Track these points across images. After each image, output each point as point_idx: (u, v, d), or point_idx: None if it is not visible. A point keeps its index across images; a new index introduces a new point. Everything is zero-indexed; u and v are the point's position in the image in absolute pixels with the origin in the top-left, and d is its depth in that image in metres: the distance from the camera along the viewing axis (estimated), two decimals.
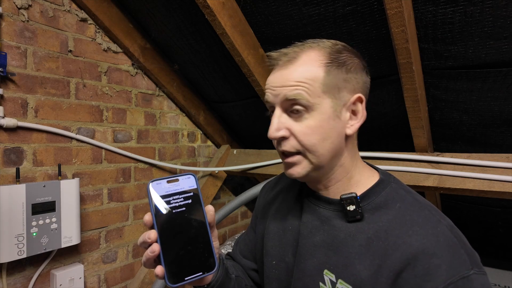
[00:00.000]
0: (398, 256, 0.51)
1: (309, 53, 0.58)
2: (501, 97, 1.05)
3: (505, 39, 0.90)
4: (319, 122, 0.56)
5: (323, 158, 0.58)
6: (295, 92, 0.55)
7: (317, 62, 0.57)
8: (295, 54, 0.58)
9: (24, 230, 1.06)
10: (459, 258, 0.49)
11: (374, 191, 0.60)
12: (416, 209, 0.56)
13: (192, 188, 0.52)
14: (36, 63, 1.16)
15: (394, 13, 0.85)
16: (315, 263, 0.60)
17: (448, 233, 0.52)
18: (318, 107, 0.56)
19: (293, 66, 0.57)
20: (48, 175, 1.19)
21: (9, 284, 1.09)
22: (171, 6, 1.23)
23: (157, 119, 1.61)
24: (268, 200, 0.79)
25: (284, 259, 0.66)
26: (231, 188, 2.10)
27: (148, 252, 0.48)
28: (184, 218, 0.50)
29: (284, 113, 0.58)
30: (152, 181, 0.49)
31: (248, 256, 0.82)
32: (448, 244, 0.51)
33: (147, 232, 0.49)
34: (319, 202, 0.64)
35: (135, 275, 1.49)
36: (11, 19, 1.10)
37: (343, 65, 0.58)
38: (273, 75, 0.60)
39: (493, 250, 1.73)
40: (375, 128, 1.40)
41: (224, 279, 0.63)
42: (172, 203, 0.50)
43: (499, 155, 1.13)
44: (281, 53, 0.60)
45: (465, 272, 0.48)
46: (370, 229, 0.56)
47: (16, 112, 1.11)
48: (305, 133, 0.56)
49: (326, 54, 0.58)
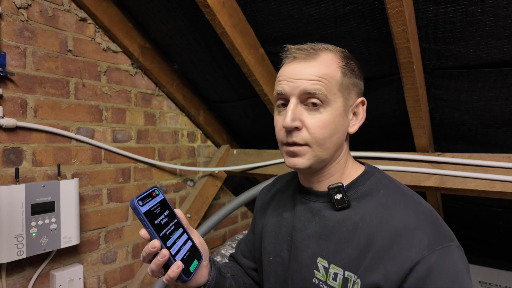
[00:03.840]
0: (382, 235, 0.55)
1: (327, 53, 0.62)
2: (502, 97, 1.05)
3: (506, 39, 0.90)
4: (332, 118, 0.60)
5: (328, 151, 0.62)
6: (316, 86, 0.58)
7: (335, 63, 0.62)
8: (314, 51, 0.62)
9: (24, 230, 1.06)
10: (440, 231, 0.54)
11: (360, 181, 0.64)
12: (398, 195, 0.60)
13: (161, 198, 0.59)
14: (36, 63, 1.16)
15: (395, 12, 0.84)
16: (310, 253, 0.63)
17: (427, 212, 0.57)
18: (333, 103, 0.60)
19: (315, 62, 0.60)
20: (48, 175, 1.19)
21: (8, 285, 1.08)
22: (170, 5, 1.23)
23: (157, 119, 1.60)
24: (265, 201, 0.83)
25: (280, 254, 0.70)
26: (231, 188, 2.10)
27: (158, 258, 0.53)
28: (168, 223, 0.57)
29: (299, 105, 0.60)
30: (136, 199, 0.53)
31: (248, 256, 0.86)
32: (428, 220, 0.55)
33: (149, 244, 0.53)
34: (310, 197, 0.68)
35: (134, 276, 1.49)
36: (10, 18, 1.09)
37: (353, 71, 0.64)
38: (290, 67, 0.62)
39: (494, 250, 1.72)
40: (375, 128, 1.40)
41: (218, 278, 0.68)
42: (156, 214, 0.55)
43: (500, 155, 1.13)
44: (300, 48, 0.63)
45: (447, 243, 0.52)
46: (356, 215, 0.60)
47: (16, 112, 1.11)
48: (318, 126, 0.59)
49: (342, 58, 0.63)
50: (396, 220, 0.56)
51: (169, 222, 0.57)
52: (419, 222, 0.55)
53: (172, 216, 0.59)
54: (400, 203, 0.58)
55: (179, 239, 0.58)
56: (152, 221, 0.53)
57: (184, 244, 0.58)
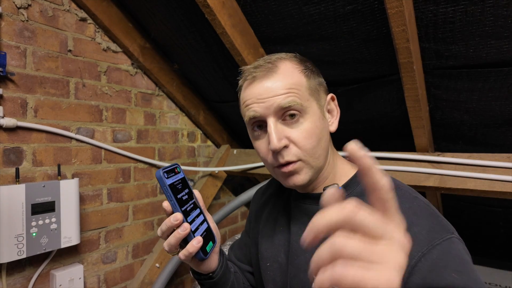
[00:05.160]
0: None
1: (284, 62, 0.60)
2: (502, 97, 1.05)
3: (506, 39, 0.90)
4: (313, 124, 0.59)
5: (321, 159, 0.60)
6: (289, 99, 0.56)
7: (296, 69, 0.60)
8: (272, 65, 0.59)
9: (24, 230, 1.06)
10: (438, 224, 0.52)
11: (355, 181, 0.63)
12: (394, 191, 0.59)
13: (182, 176, 0.58)
14: (36, 63, 1.16)
15: (394, 12, 0.85)
16: (308, 257, 0.62)
17: (424, 205, 0.56)
18: (310, 109, 0.59)
19: (277, 75, 0.58)
20: (48, 175, 1.19)
21: (8, 284, 1.08)
22: (170, 5, 1.23)
23: (157, 119, 1.60)
24: (260, 204, 0.81)
25: (277, 259, 0.68)
26: (231, 188, 2.10)
27: (179, 231, 0.52)
28: (188, 201, 0.57)
29: (278, 122, 0.58)
30: (162, 171, 0.53)
31: (243, 260, 0.84)
32: (425, 214, 0.54)
33: (172, 216, 0.52)
34: (306, 200, 0.66)
35: (135, 276, 1.49)
36: (10, 18, 1.09)
37: (313, 71, 0.62)
38: (254, 87, 0.59)
39: (494, 250, 1.72)
40: (375, 127, 1.40)
41: (225, 269, 0.67)
42: (178, 189, 0.55)
43: (500, 155, 1.13)
44: (256, 66, 0.60)
45: (447, 235, 0.51)
46: None
47: (16, 112, 1.11)
48: (304, 137, 0.57)
49: (299, 63, 0.61)
50: None
51: (189, 200, 0.57)
52: (416, 217, 0.53)
53: (191, 195, 0.59)
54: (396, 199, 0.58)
55: (197, 218, 0.58)
56: (175, 194, 0.54)
57: (201, 224, 0.58)
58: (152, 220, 1.57)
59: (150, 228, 1.57)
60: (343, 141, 0.83)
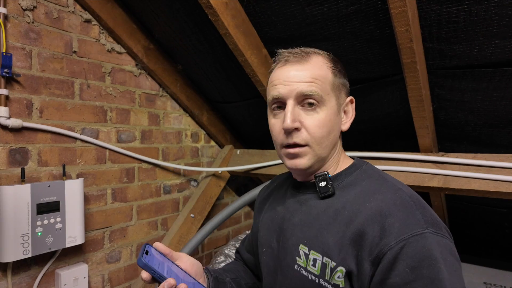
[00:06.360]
0: (359, 220, 0.56)
1: (317, 56, 0.65)
2: (507, 97, 1.04)
3: (510, 38, 0.89)
4: (328, 116, 0.63)
5: (326, 149, 0.64)
6: (312, 88, 0.61)
7: (326, 65, 0.65)
8: (306, 55, 0.64)
9: (29, 229, 1.07)
10: (413, 218, 0.53)
11: (346, 172, 0.67)
12: (380, 182, 0.62)
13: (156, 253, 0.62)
14: (41, 64, 1.17)
15: (398, 12, 0.84)
16: (294, 241, 0.66)
17: (405, 197, 0.57)
18: (328, 103, 0.63)
19: (308, 64, 0.63)
20: (53, 175, 1.20)
21: (14, 283, 1.10)
22: (174, 6, 1.24)
23: (161, 119, 1.61)
24: (263, 198, 0.87)
25: (270, 245, 0.73)
26: (235, 188, 2.10)
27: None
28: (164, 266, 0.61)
29: (296, 106, 0.62)
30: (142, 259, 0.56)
31: (250, 251, 0.90)
32: (403, 206, 0.55)
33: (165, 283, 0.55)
34: (300, 189, 0.71)
35: (139, 275, 1.50)
36: (16, 20, 1.11)
37: (341, 72, 0.67)
38: (284, 70, 0.64)
39: (499, 251, 1.71)
40: (379, 128, 1.39)
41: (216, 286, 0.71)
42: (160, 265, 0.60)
43: (505, 155, 1.12)
44: (291, 51, 0.65)
45: (418, 230, 0.51)
46: (339, 203, 0.62)
47: (21, 112, 1.12)
48: (317, 126, 0.62)
49: (330, 61, 0.66)
50: (373, 205, 0.57)
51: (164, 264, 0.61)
52: (394, 207, 0.55)
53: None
54: (380, 189, 0.60)
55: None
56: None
57: None
58: (156, 220, 1.58)
59: (154, 228, 1.57)
60: (347, 141, 0.84)
